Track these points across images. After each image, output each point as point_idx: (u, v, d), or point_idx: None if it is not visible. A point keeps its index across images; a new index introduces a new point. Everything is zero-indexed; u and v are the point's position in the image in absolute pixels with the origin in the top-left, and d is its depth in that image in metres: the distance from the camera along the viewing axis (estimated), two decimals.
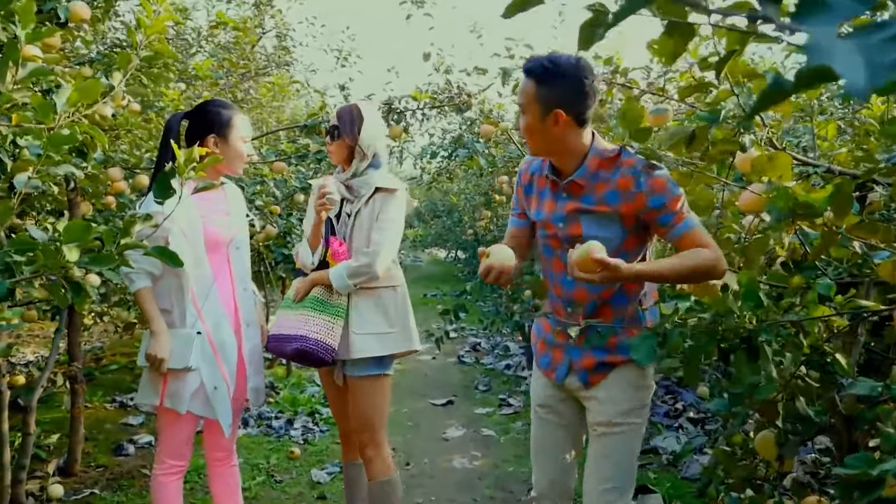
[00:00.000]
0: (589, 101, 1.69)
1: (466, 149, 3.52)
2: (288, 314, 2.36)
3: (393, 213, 2.31)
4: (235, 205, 2.36)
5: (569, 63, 1.66)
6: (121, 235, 1.46)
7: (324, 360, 2.26)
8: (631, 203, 1.70)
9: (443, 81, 3.76)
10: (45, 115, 1.36)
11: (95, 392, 4.24)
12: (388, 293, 2.35)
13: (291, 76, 6.32)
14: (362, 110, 2.35)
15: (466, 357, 6.19)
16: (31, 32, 1.57)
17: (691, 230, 1.68)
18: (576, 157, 1.74)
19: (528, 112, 1.71)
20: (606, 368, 1.82)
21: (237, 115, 2.26)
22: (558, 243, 1.82)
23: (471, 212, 7.89)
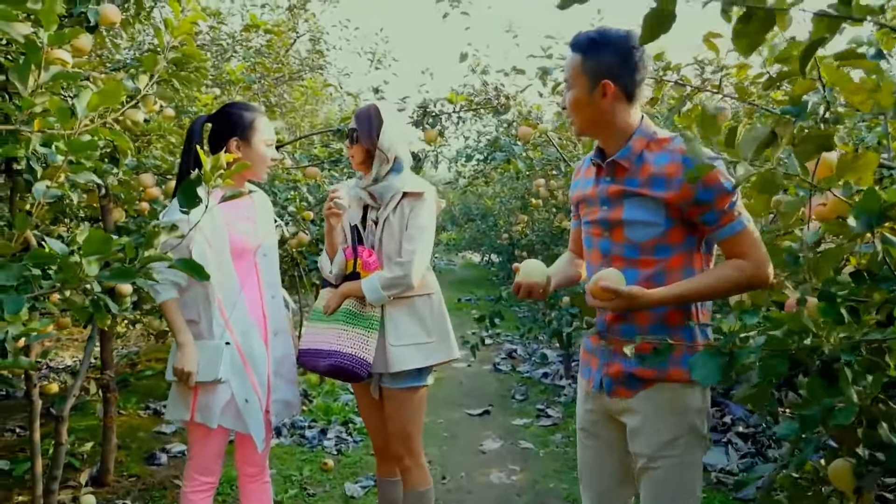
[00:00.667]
0: (638, 73, 1.60)
1: (504, 152, 3.39)
2: (319, 327, 2.27)
3: (423, 219, 2.21)
4: (262, 211, 2.28)
5: (617, 34, 1.59)
6: (143, 248, 1.37)
7: (359, 376, 2.17)
8: (677, 192, 1.56)
9: (479, 83, 3.64)
10: (64, 120, 1.28)
11: (129, 398, 4.23)
12: (422, 301, 2.25)
13: (325, 80, 6.28)
14: (381, 112, 2.25)
15: (502, 364, 6.05)
16: (54, 34, 1.50)
17: (737, 234, 1.56)
18: (622, 137, 1.64)
19: (574, 86, 1.63)
20: (636, 384, 1.66)
21: (260, 118, 2.18)
22: (599, 232, 1.71)
23: (506, 216, 7.75)
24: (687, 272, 1.62)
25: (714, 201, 1.55)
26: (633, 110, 1.64)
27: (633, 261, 1.64)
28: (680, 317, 1.63)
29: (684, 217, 1.59)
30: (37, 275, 1.29)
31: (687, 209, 1.58)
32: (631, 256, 1.65)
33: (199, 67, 2.99)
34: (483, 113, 4.06)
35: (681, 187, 1.56)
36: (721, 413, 4.38)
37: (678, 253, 1.62)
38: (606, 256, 1.69)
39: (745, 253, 1.55)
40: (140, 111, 2.78)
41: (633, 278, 1.61)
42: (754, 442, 3.89)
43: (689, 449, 1.65)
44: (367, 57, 6.67)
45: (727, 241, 1.57)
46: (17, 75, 1.48)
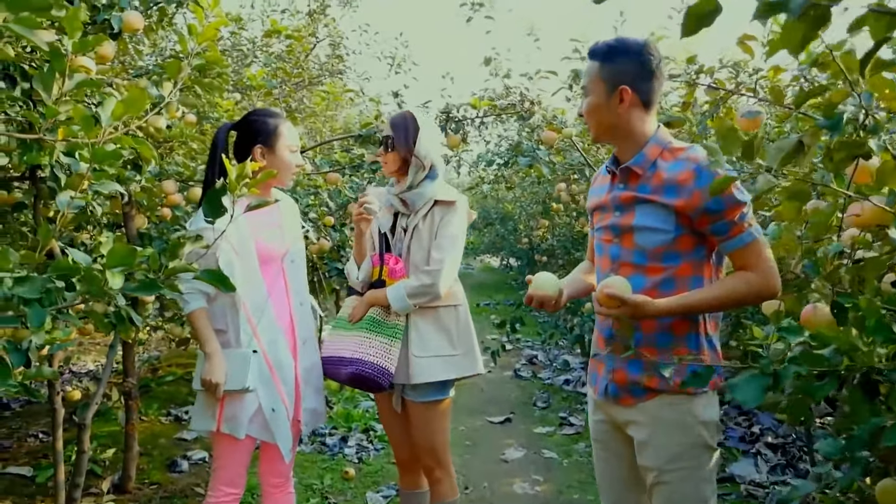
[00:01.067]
0: (655, 81, 1.63)
1: (527, 156, 3.34)
2: (342, 335, 2.24)
3: (454, 228, 2.17)
4: (289, 217, 2.26)
5: (635, 42, 1.63)
6: (167, 259, 1.34)
7: (380, 385, 2.12)
8: (687, 200, 1.56)
9: (501, 87, 3.59)
10: (87, 129, 1.25)
11: (151, 404, 4.23)
12: (447, 313, 2.21)
13: (344, 84, 6.26)
14: (418, 119, 2.22)
15: (523, 371, 5.98)
16: (79, 42, 1.48)
17: (746, 246, 1.55)
18: (637, 144, 1.66)
19: (592, 92, 1.66)
20: (640, 392, 1.64)
21: (284, 124, 2.15)
22: (609, 238, 1.72)
23: (526, 220, 7.69)
24: (695, 281, 1.61)
25: (724, 212, 1.54)
26: (650, 118, 1.66)
27: (641, 267, 1.64)
28: (686, 326, 1.61)
29: (693, 226, 1.59)
30: (60, 287, 1.26)
31: (697, 218, 1.57)
32: (639, 263, 1.64)
33: (221, 73, 2.98)
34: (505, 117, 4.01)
35: (691, 195, 1.55)
36: (749, 423, 4.29)
37: (687, 261, 1.61)
38: (615, 262, 1.69)
39: (753, 265, 1.55)
40: (162, 118, 2.77)
41: (640, 285, 1.61)
42: (784, 453, 3.79)
43: (698, 461, 1.62)
44: (386, 61, 6.65)
45: (736, 252, 1.57)
46: (41, 83, 1.46)
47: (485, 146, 5.23)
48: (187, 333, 3.07)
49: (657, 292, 1.59)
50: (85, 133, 1.25)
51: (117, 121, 1.27)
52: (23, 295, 1.18)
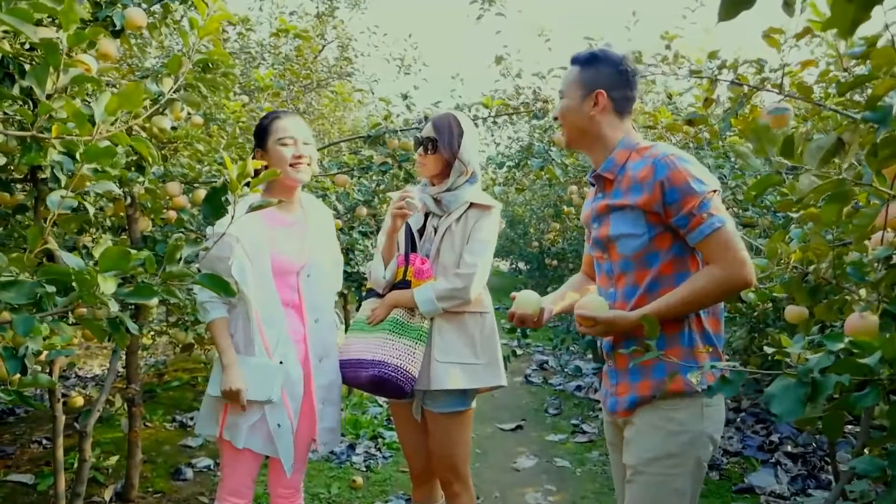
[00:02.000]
0: (630, 90, 1.67)
1: (539, 157, 3.25)
2: (361, 337, 2.14)
3: (488, 233, 2.12)
4: (315, 228, 2.15)
5: (615, 53, 1.68)
6: (165, 262, 1.27)
7: (402, 390, 2.02)
8: (649, 195, 1.56)
9: (511, 87, 3.52)
10: (80, 125, 1.18)
11: (155, 410, 4.16)
12: (473, 320, 2.12)
13: (353, 86, 6.20)
14: (461, 123, 2.17)
15: (534, 377, 5.89)
16: (74, 35, 1.41)
17: (706, 238, 1.52)
18: (607, 150, 1.68)
19: (567, 95, 1.68)
20: (634, 403, 1.62)
21: (276, 121, 2.06)
22: (600, 254, 1.72)
23: (537, 223, 7.60)
24: (680, 277, 1.58)
25: (680, 202, 1.52)
26: (621, 124, 1.68)
27: (632, 276, 1.62)
28: (676, 326, 1.57)
29: (664, 222, 1.57)
30: (51, 291, 1.19)
31: (663, 213, 1.56)
32: (629, 272, 1.63)
33: (227, 73, 2.92)
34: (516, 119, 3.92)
35: (652, 189, 1.54)
36: (767, 431, 4.17)
37: (667, 259, 1.59)
38: (611, 278, 1.68)
39: (715, 257, 1.52)
40: (167, 118, 2.71)
41: (633, 294, 1.61)
42: (805, 463, 3.68)
43: (675, 470, 1.56)
44: (395, 63, 6.58)
45: (699, 244, 1.54)
46: (34, 78, 1.39)
47: (495, 148, 5.15)
48: (191, 339, 3.00)
49: (648, 296, 1.58)
50: (78, 129, 1.18)
51: (112, 116, 1.20)
52: (9, 301, 1.11)
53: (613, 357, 1.68)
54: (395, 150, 3.18)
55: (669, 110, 3.36)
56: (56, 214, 1.20)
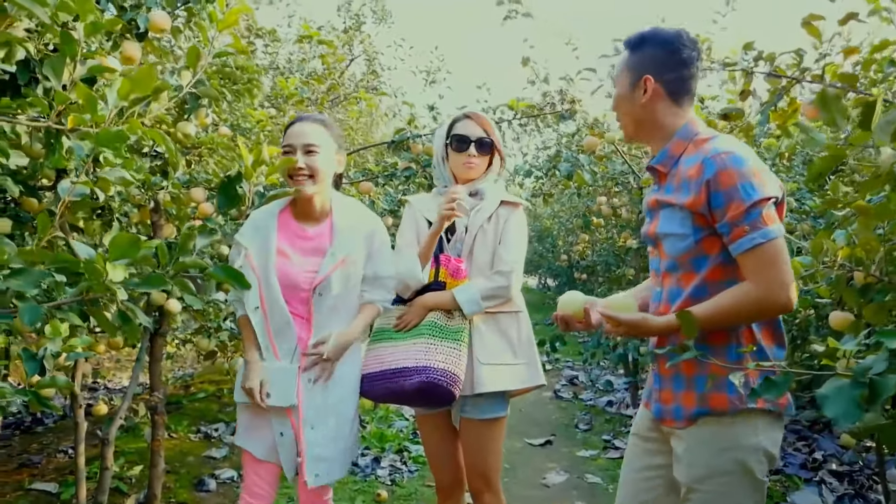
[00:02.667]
0: (685, 70, 1.51)
1: (568, 163, 3.17)
2: (394, 345, 2.02)
3: (521, 230, 2.10)
4: (342, 243, 1.96)
5: (668, 31, 1.52)
6: (178, 252, 1.22)
7: (452, 395, 1.92)
8: (695, 196, 1.42)
9: (538, 96, 3.45)
10: (92, 110, 1.15)
11: (181, 421, 4.14)
12: (508, 319, 2.07)
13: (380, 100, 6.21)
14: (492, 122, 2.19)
15: (564, 392, 5.75)
16: (90, 25, 1.39)
17: (747, 252, 1.38)
18: (665, 140, 1.54)
19: (618, 84, 1.57)
20: (680, 415, 1.50)
21: (289, 127, 1.92)
22: (651, 249, 1.62)
23: (565, 236, 7.49)
24: (731, 285, 1.43)
25: (725, 209, 1.39)
26: (681, 111, 1.53)
27: (677, 277, 1.52)
28: (721, 337, 1.45)
29: (711, 225, 1.44)
30: (60, 281, 1.15)
31: (709, 216, 1.43)
32: (673, 272, 1.53)
33: (253, 79, 2.91)
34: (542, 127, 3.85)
35: (699, 190, 1.42)
36: (809, 448, 3.98)
37: (716, 264, 1.45)
38: (658, 276, 1.59)
39: (753, 274, 1.38)
40: (191, 124, 2.70)
41: (678, 296, 1.50)
42: (852, 482, 3.49)
43: (731, 489, 1.45)
44: (421, 76, 6.58)
45: (739, 258, 1.40)
46: (51, 69, 1.37)
47: (522, 158, 5.08)
48: (214, 346, 2.97)
49: (692, 301, 1.46)
50: (90, 114, 1.15)
51: (124, 101, 1.16)
52: (17, 288, 1.07)
53: (657, 361, 1.58)
54: (419, 154, 3.13)
55: (702, 113, 3.26)
56: (67, 202, 1.16)
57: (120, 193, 2.69)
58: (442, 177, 2.19)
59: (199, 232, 1.23)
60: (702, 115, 2.85)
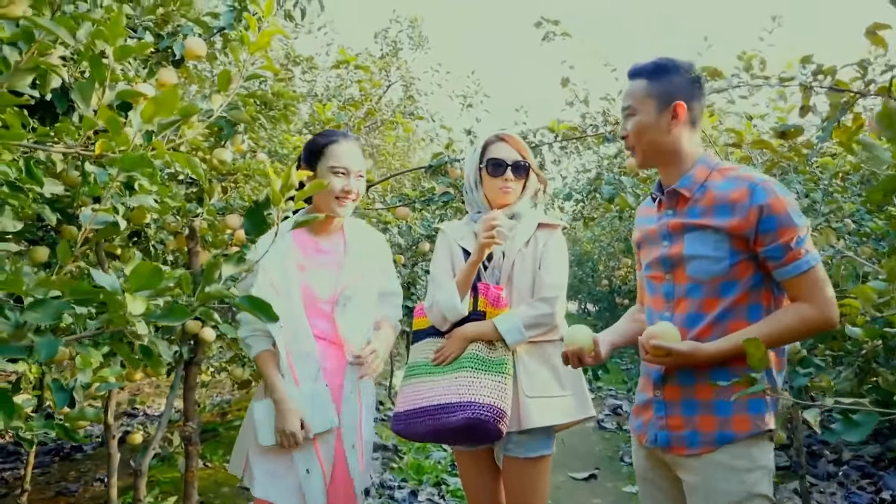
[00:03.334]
0: (703, 99, 1.59)
1: (610, 185, 3.06)
2: (433, 380, 1.93)
3: (562, 253, 2.00)
4: (356, 256, 1.98)
5: (681, 60, 1.58)
6: (203, 282, 1.16)
7: (499, 432, 1.82)
8: (742, 219, 1.46)
9: (577, 117, 3.36)
10: (115, 133, 1.10)
11: (216, 450, 4.09)
12: (554, 348, 1.95)
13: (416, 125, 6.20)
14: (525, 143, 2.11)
15: (607, 422, 5.54)
16: (119, 49, 1.36)
17: (802, 275, 1.45)
18: (684, 165, 1.58)
19: (640, 111, 1.57)
20: (696, 441, 1.49)
21: (333, 145, 1.93)
22: (661, 275, 1.61)
23: (606, 260, 7.32)
24: (753, 311, 1.50)
25: (777, 233, 1.44)
26: (696, 138, 1.60)
27: (697, 302, 1.52)
28: (742, 359, 1.39)
29: (751, 249, 1.48)
30: (81, 314, 1.10)
31: (753, 240, 1.47)
32: (694, 297, 1.53)
33: (289, 105, 2.89)
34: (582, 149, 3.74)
35: (746, 213, 1.46)
36: (875, 487, 3.72)
37: (744, 290, 1.49)
38: (670, 301, 1.58)
39: (808, 296, 1.45)
40: (228, 150, 2.69)
41: (698, 322, 1.51)
42: None
43: None
44: (458, 101, 6.56)
45: (791, 281, 1.47)
46: (79, 93, 1.34)
47: (561, 181, 4.98)
48: (248, 375, 2.92)
49: (715, 326, 1.49)
50: (113, 137, 1.10)
51: (149, 124, 1.12)
52: (35, 321, 1.02)
53: (662, 387, 1.56)
54: (458, 179, 3.06)
55: (754, 131, 3.12)
56: (89, 230, 1.11)
57: (156, 220, 2.69)
58: (475, 203, 2.10)
59: (226, 261, 1.17)
60: (754, 134, 2.71)
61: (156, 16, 2.28)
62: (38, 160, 1.81)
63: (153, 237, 2.62)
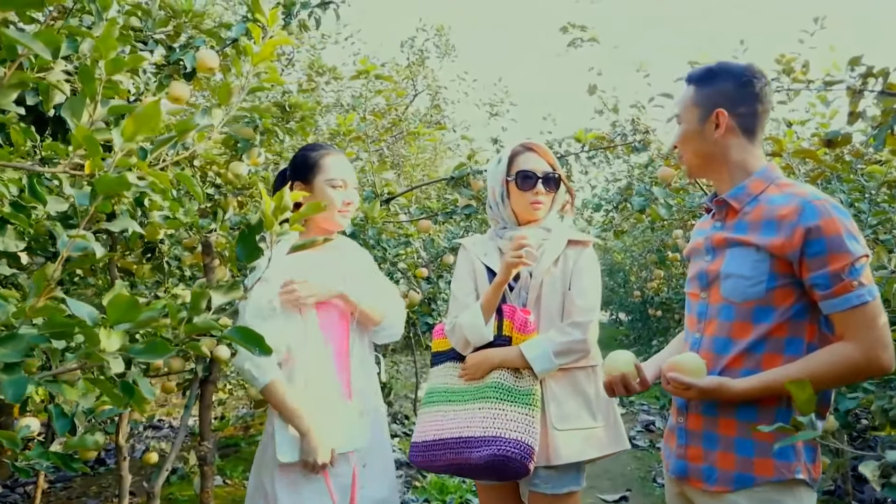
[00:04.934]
0: (758, 104, 1.45)
1: (642, 196, 2.92)
2: (453, 409, 1.81)
3: (594, 273, 1.86)
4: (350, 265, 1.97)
5: (736, 64, 1.47)
6: (189, 313, 1.07)
7: (526, 470, 1.69)
8: (786, 239, 1.32)
9: (607, 126, 3.22)
10: (94, 153, 1.02)
11: (237, 467, 4.03)
12: (584, 376, 1.82)
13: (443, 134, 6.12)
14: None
15: (639, 439, 5.34)
16: (111, 62, 1.28)
17: (852, 310, 1.28)
18: (738, 176, 1.45)
19: (685, 119, 1.50)
20: (713, 478, 1.37)
21: (326, 157, 1.90)
22: (696, 292, 1.50)
23: (638, 271, 7.13)
24: (791, 344, 1.35)
25: (826, 258, 1.29)
26: (753, 148, 1.47)
27: (727, 326, 1.41)
28: (774, 400, 1.34)
29: (795, 275, 1.34)
30: (56, 348, 1.02)
31: (798, 264, 1.32)
32: (725, 320, 1.41)
33: (305, 117, 2.82)
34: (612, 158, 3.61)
35: (792, 233, 1.32)
36: None
37: (784, 319, 1.35)
38: (701, 323, 1.48)
39: (857, 335, 1.29)
40: (244, 164, 2.63)
41: (727, 350, 1.39)
42: None
43: None
44: (485, 109, 6.47)
45: (838, 315, 1.31)
46: (69, 110, 1.27)
47: (590, 191, 4.84)
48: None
49: (746, 356, 1.36)
50: (91, 157, 1.02)
51: (130, 141, 1.03)
52: (2, 358, 0.94)
53: (686, 415, 1.46)
54: (481, 191, 2.96)
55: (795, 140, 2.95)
56: (64, 257, 1.03)
57: (170, 236, 2.64)
58: (501, 217, 1.96)
59: (216, 289, 1.08)
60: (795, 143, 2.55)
61: (168, 27, 2.23)
62: (40, 178, 1.75)
63: (167, 253, 2.57)
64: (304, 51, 5.87)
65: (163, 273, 2.57)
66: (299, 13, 2.35)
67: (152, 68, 2.21)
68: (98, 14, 1.85)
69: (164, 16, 2.21)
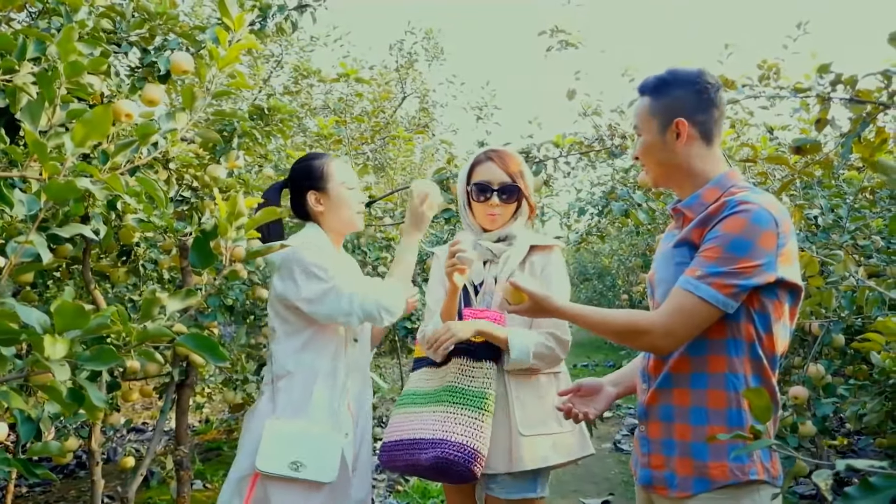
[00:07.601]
0: (715, 110, 1.44)
1: (622, 201, 2.92)
2: (414, 412, 1.83)
3: (563, 280, 1.86)
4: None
5: (688, 72, 1.45)
6: (140, 319, 1.06)
7: (471, 474, 1.68)
8: (698, 230, 1.36)
9: (590, 128, 3.23)
10: (43, 158, 1.01)
11: (217, 471, 4.01)
12: (548, 380, 1.82)
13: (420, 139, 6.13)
14: (521, 160, 1.95)
15: (624, 443, 5.35)
16: (69, 66, 1.27)
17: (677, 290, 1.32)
18: (698, 184, 1.44)
19: (643, 130, 1.47)
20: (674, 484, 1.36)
21: (331, 163, 1.93)
22: (651, 302, 1.51)
23: (625, 275, 7.14)
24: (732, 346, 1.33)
25: (708, 245, 1.32)
26: (712, 155, 1.45)
27: None
28: (723, 399, 1.34)
29: None
30: (5, 355, 1.01)
31: None
32: None
33: (284, 119, 2.81)
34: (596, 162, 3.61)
35: (703, 224, 1.35)
36: None
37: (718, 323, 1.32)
38: None
39: (665, 310, 1.33)
40: (221, 167, 2.61)
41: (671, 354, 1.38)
42: None
43: None
44: (473, 113, 6.47)
45: (673, 289, 1.34)
46: (28, 114, 1.26)
47: (575, 195, 4.84)
48: (240, 399, 2.84)
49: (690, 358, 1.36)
50: (41, 163, 1.01)
51: (80, 147, 1.02)
52: None
53: (646, 422, 1.45)
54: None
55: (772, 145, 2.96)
56: (13, 264, 1.02)
57: (147, 239, 2.62)
58: (467, 224, 1.97)
59: (172, 295, 1.07)
60: (770, 149, 2.56)
61: (143, 30, 2.22)
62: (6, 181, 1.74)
63: (142, 256, 2.55)
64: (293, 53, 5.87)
65: (138, 276, 2.55)
66: (276, 16, 2.34)
67: (126, 70, 2.19)
68: (67, 16, 1.84)
69: (139, 18, 2.20)
